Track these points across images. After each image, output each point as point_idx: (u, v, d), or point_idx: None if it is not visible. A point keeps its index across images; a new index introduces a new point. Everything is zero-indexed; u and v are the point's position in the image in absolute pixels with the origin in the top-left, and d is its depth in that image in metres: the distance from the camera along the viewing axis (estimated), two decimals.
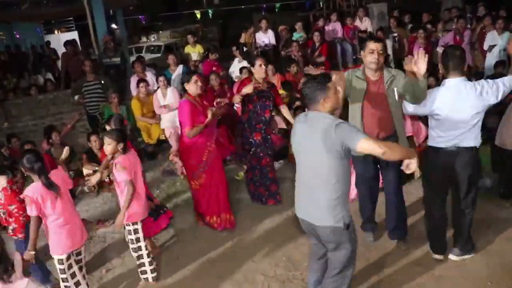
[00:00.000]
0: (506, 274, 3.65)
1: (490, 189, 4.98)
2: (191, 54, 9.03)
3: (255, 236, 4.64)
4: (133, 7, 21.52)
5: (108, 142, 3.72)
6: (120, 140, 3.71)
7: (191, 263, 4.32)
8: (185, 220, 5.12)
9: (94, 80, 7.27)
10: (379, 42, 3.65)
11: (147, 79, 7.46)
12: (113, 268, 4.41)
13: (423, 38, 8.24)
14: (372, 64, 3.64)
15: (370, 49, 3.62)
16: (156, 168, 6.91)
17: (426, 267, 3.81)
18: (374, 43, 3.63)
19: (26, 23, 15.83)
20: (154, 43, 16.73)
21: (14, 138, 6.75)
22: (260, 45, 9.46)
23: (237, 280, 3.94)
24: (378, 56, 3.61)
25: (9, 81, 10.26)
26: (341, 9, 12.91)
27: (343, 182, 2.87)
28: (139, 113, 6.90)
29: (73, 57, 8.96)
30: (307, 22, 12.54)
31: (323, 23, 9.80)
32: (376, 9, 10.83)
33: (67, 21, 19.91)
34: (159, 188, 6.17)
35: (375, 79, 3.73)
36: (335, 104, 2.93)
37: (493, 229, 4.29)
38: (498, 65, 7.20)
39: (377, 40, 3.68)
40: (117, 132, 3.81)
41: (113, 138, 3.70)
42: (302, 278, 3.86)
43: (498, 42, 7.62)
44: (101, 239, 4.99)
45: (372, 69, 3.69)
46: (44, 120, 7.79)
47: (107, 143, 3.73)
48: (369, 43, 3.65)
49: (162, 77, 6.95)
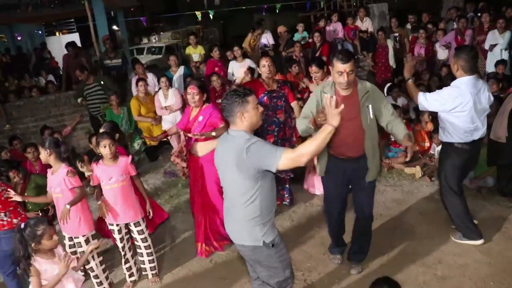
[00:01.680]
0: (508, 274, 3.64)
1: (492, 188, 4.99)
2: (192, 55, 9.01)
3: None
4: (134, 9, 21.52)
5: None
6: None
7: (192, 263, 4.32)
8: (185, 220, 5.12)
9: (95, 81, 7.32)
10: (347, 63, 3.22)
11: (148, 81, 7.47)
12: (114, 268, 4.42)
13: (424, 38, 8.24)
14: (342, 85, 3.31)
15: (338, 71, 3.26)
16: (157, 169, 6.92)
17: (429, 267, 3.80)
18: (342, 65, 3.23)
19: (27, 25, 15.87)
20: (155, 44, 16.73)
21: (16, 140, 6.76)
22: (261, 46, 9.46)
23: (238, 280, 3.93)
24: (348, 77, 3.25)
25: (10, 82, 10.27)
26: (342, 9, 12.90)
27: (261, 203, 2.68)
28: (136, 113, 6.88)
29: (74, 59, 8.98)
30: (307, 22, 12.55)
31: (324, 24, 9.79)
32: (377, 9, 10.83)
33: (68, 23, 19.95)
34: (160, 190, 6.17)
35: (347, 94, 3.37)
36: (256, 121, 2.72)
37: (495, 228, 4.28)
38: (499, 64, 7.20)
39: (345, 60, 3.22)
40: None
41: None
42: (304, 278, 3.86)
43: (499, 41, 7.61)
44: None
45: (342, 88, 3.37)
46: (45, 121, 7.78)
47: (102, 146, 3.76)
48: (336, 63, 3.26)
49: (164, 78, 6.94)
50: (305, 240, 4.46)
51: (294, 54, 8.54)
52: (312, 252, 4.24)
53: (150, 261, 4.07)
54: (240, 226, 2.76)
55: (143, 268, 4.12)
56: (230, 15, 22.13)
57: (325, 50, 8.57)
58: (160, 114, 6.92)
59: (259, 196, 2.67)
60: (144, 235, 3.97)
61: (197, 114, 4.28)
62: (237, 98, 2.65)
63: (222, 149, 2.77)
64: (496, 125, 4.68)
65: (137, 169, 4.71)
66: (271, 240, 2.74)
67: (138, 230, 3.93)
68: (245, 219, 2.71)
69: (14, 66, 11.52)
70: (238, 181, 2.66)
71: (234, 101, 2.66)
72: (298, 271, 3.96)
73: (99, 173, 3.81)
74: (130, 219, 3.88)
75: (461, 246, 4.05)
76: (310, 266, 4.04)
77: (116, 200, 3.81)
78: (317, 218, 4.84)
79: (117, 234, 3.92)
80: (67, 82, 9.21)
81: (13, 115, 7.80)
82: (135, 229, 3.93)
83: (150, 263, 4.08)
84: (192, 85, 4.23)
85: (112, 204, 3.81)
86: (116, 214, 3.83)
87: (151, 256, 4.07)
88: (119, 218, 3.86)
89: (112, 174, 3.77)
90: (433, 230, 4.37)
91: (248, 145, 2.56)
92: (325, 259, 4.11)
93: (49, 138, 3.83)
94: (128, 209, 3.85)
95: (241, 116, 2.66)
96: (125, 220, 3.88)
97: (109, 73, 8.31)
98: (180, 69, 7.70)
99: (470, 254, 3.93)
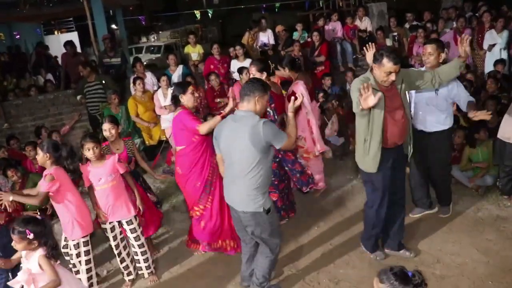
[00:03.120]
0: (507, 273, 3.64)
1: (490, 188, 4.99)
2: (191, 54, 9.01)
3: None
4: (133, 7, 21.48)
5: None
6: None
7: (191, 262, 4.32)
8: (184, 220, 5.12)
9: (96, 80, 7.29)
10: (399, 63, 3.33)
11: (146, 80, 7.46)
12: (113, 269, 4.41)
13: (423, 37, 8.23)
14: (386, 83, 3.42)
15: (389, 71, 3.34)
16: (155, 168, 6.90)
17: (428, 266, 3.80)
18: (394, 65, 3.31)
19: (26, 24, 15.82)
20: (154, 43, 16.75)
21: (13, 139, 6.75)
22: (260, 45, 9.45)
23: (237, 280, 3.93)
24: (396, 77, 3.37)
25: (9, 81, 10.26)
26: (341, 8, 12.90)
27: (265, 173, 3.18)
28: (134, 113, 6.86)
29: (72, 58, 8.96)
30: (306, 21, 12.54)
31: (323, 23, 9.78)
32: (376, 9, 10.84)
33: (67, 22, 19.91)
34: (158, 188, 6.17)
35: (387, 86, 3.48)
36: (263, 109, 3.27)
37: (493, 228, 4.29)
38: (498, 63, 7.20)
39: (397, 61, 3.32)
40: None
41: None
42: (303, 277, 3.87)
43: (497, 41, 7.62)
44: (101, 239, 4.97)
45: (385, 86, 3.47)
46: (43, 120, 7.79)
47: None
48: (387, 64, 3.31)
49: (165, 77, 6.92)
50: (303, 239, 4.47)
51: (293, 53, 8.53)
52: (310, 251, 4.25)
53: (145, 260, 4.05)
54: (245, 195, 3.20)
55: (138, 267, 4.10)
56: (229, 14, 22.13)
57: (324, 49, 8.57)
58: (159, 113, 6.90)
59: (263, 168, 3.16)
60: (137, 233, 3.94)
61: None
62: (261, 86, 3.21)
63: (232, 127, 3.22)
64: (504, 126, 4.65)
65: (136, 167, 4.73)
66: (269, 207, 3.24)
67: (130, 229, 3.91)
68: (250, 188, 3.18)
69: (13, 65, 11.49)
70: (250, 154, 3.11)
71: (258, 87, 3.20)
72: (297, 270, 3.97)
73: (89, 174, 3.78)
74: (122, 216, 3.87)
75: (460, 246, 4.06)
76: (309, 264, 4.05)
77: (108, 200, 3.80)
78: (316, 217, 4.84)
79: (110, 232, 3.91)
80: (65, 81, 9.19)
81: (12, 114, 7.80)
82: (127, 228, 3.91)
83: (144, 262, 4.05)
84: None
85: (104, 203, 3.81)
86: (108, 213, 3.83)
87: (145, 254, 4.03)
88: (111, 216, 3.85)
89: (100, 175, 3.75)
90: (431, 229, 4.36)
91: (262, 122, 3.10)
92: (323, 258, 4.11)
93: (49, 141, 3.79)
94: (121, 207, 3.84)
95: (257, 100, 3.18)
96: (117, 217, 3.86)
97: (108, 72, 8.30)
98: (179, 68, 7.69)
99: (469, 254, 3.93)
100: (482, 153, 5.07)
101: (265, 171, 3.19)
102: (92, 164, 3.79)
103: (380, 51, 3.40)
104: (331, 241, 4.38)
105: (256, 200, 3.19)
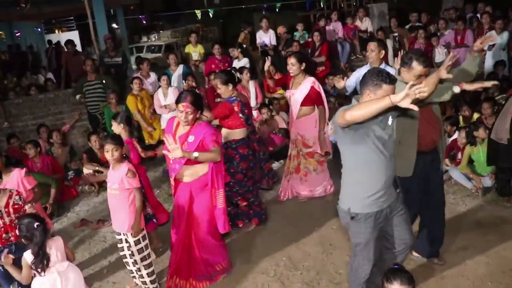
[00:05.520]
0: (506, 274, 3.65)
1: (490, 189, 5.00)
2: (192, 54, 9.01)
3: (255, 236, 4.64)
4: (134, 7, 21.52)
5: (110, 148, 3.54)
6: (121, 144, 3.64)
7: None
8: None
9: (96, 79, 7.29)
10: (428, 67, 3.23)
11: (150, 80, 7.48)
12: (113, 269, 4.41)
13: (423, 38, 8.23)
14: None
15: (418, 74, 3.20)
16: (156, 168, 6.91)
17: (428, 267, 3.81)
18: (424, 68, 3.18)
19: (26, 22, 15.83)
20: (154, 43, 16.75)
21: (14, 138, 6.76)
22: (261, 45, 9.46)
23: (237, 280, 3.94)
24: (424, 80, 3.18)
25: (10, 80, 10.26)
26: (342, 9, 12.90)
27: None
28: (134, 109, 6.83)
29: (73, 57, 8.96)
30: (307, 22, 12.54)
31: (324, 23, 9.78)
32: (377, 9, 10.83)
33: (67, 21, 19.93)
34: (159, 188, 6.17)
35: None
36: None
37: (493, 228, 4.29)
38: (498, 65, 7.21)
39: (427, 64, 3.22)
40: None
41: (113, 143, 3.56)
42: (303, 278, 3.87)
43: (497, 42, 7.62)
44: (102, 239, 4.98)
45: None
46: (44, 119, 7.78)
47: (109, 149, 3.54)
48: (417, 67, 3.19)
49: (165, 76, 6.93)
50: (304, 240, 4.47)
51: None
52: (311, 252, 4.25)
53: (149, 274, 3.78)
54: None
55: (142, 282, 3.84)
56: (229, 14, 22.12)
57: (324, 50, 8.58)
58: (159, 112, 6.91)
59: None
60: (140, 245, 3.69)
61: (187, 133, 3.59)
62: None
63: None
64: (497, 126, 4.65)
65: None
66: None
67: (134, 240, 3.65)
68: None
69: (13, 64, 11.50)
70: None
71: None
72: (297, 270, 3.98)
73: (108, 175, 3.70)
74: (120, 229, 3.70)
75: (460, 246, 4.06)
76: (309, 265, 4.05)
77: (111, 206, 3.70)
78: (316, 218, 4.84)
79: (117, 236, 3.79)
80: (66, 80, 9.20)
81: (12, 113, 7.80)
82: (131, 240, 3.67)
83: (149, 277, 3.78)
84: (185, 102, 3.47)
85: (111, 209, 3.73)
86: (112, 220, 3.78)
87: (149, 268, 3.77)
88: (113, 224, 3.77)
89: (113, 180, 3.61)
90: None
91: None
92: (323, 259, 4.12)
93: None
94: (124, 221, 3.63)
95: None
96: (117, 228, 3.73)
97: (109, 71, 8.30)
98: (180, 68, 7.69)
99: (468, 254, 3.93)
100: (483, 152, 5.06)
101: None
102: (112, 166, 3.65)
103: (409, 55, 3.29)
104: (331, 241, 4.39)
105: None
